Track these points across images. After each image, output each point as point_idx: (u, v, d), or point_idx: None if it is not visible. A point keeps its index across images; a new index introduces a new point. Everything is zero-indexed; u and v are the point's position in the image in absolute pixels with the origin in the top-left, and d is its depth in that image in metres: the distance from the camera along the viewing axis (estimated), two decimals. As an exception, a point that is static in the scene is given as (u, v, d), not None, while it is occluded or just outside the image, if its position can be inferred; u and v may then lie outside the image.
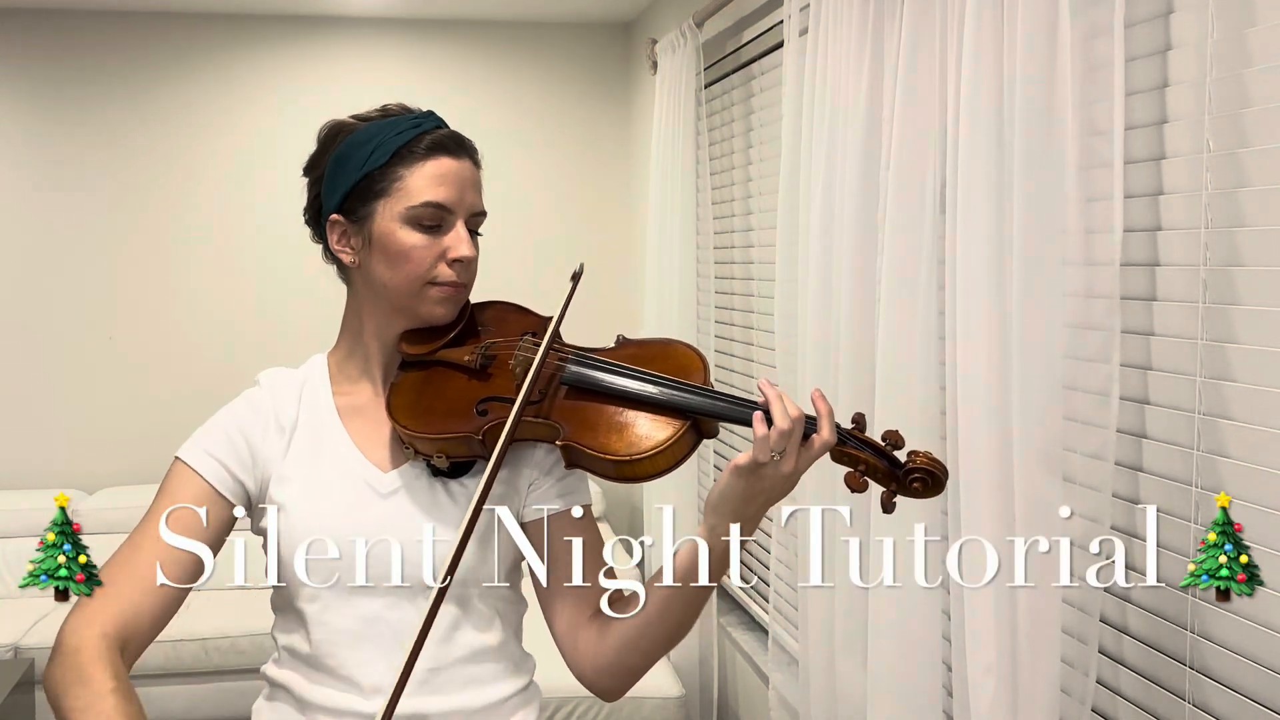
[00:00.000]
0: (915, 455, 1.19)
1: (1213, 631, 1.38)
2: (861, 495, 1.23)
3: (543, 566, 1.30)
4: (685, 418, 1.23)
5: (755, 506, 1.19)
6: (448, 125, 1.34)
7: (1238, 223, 1.33)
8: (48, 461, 4.56)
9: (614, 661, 1.30)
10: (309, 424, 1.34)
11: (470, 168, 1.33)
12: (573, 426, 1.24)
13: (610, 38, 4.79)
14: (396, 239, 1.28)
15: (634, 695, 3.24)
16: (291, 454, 1.32)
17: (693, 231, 3.40)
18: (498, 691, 1.33)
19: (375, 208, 1.29)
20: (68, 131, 4.51)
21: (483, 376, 1.31)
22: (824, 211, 2.11)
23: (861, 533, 1.98)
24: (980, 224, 1.54)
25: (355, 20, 4.62)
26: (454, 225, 1.30)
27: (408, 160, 1.28)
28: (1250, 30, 1.31)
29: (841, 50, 2.02)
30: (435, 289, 1.31)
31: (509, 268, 4.55)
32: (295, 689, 1.31)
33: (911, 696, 1.84)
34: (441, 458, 1.29)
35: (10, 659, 3.73)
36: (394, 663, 1.24)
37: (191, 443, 1.32)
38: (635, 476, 1.23)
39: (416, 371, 1.34)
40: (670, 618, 1.26)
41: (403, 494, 1.31)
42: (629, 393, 1.25)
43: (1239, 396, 1.34)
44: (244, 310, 4.62)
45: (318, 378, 1.39)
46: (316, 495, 1.30)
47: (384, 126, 1.30)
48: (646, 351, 1.32)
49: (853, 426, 1.22)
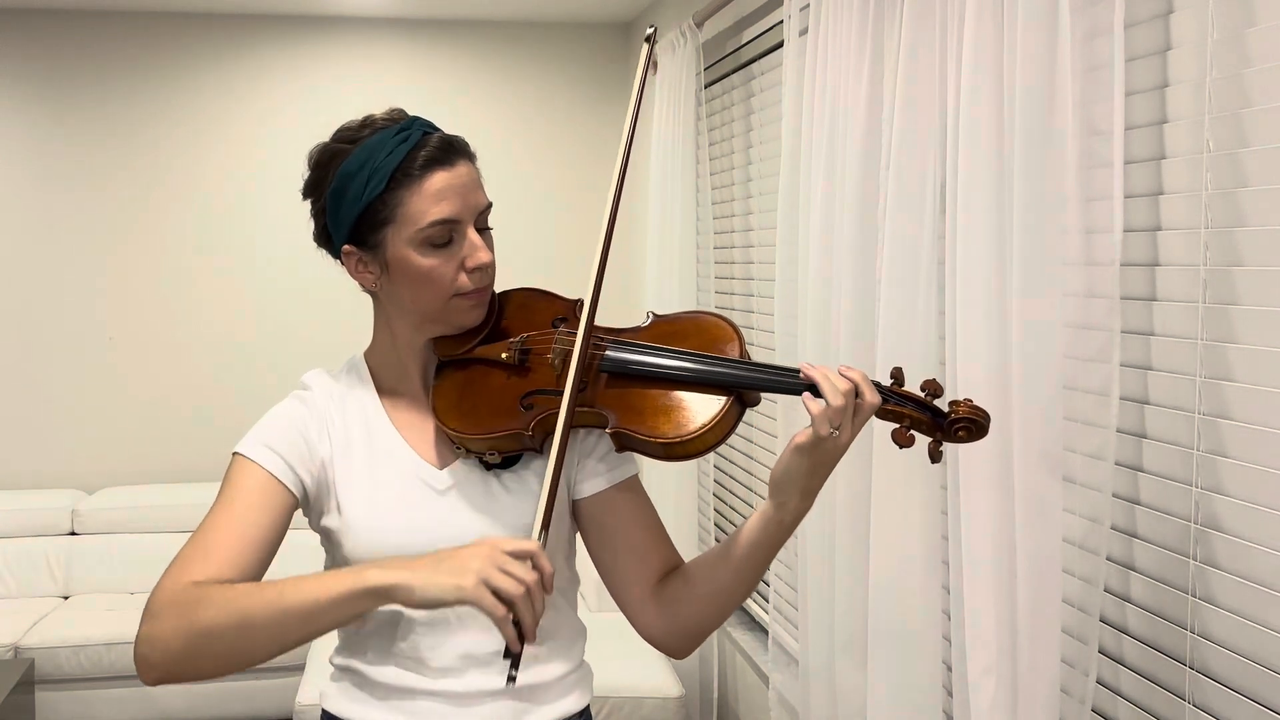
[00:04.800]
0: (957, 405, 1.22)
1: (1213, 631, 1.38)
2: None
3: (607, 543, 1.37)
4: (729, 392, 1.24)
5: (819, 478, 1.24)
6: (435, 128, 1.33)
7: (1238, 223, 1.33)
8: (48, 461, 4.56)
9: (690, 626, 1.35)
10: (360, 424, 1.36)
11: (467, 169, 1.31)
12: (620, 412, 1.26)
13: (610, 38, 4.79)
14: (413, 264, 1.29)
15: (634, 695, 3.24)
16: (347, 454, 1.34)
17: (693, 231, 3.40)
18: (556, 670, 1.36)
19: (385, 235, 1.29)
20: (68, 132, 4.51)
21: (522, 371, 1.32)
22: (824, 211, 2.11)
23: (862, 532, 1.98)
24: (980, 224, 1.54)
25: (355, 20, 4.62)
26: (465, 234, 1.31)
27: (405, 183, 1.27)
28: (1250, 30, 1.31)
29: (841, 50, 2.02)
30: (461, 299, 1.32)
31: (509, 268, 4.55)
32: (362, 670, 1.34)
33: (911, 696, 1.84)
34: (494, 454, 1.31)
35: (10, 659, 3.73)
36: (462, 646, 1.31)
37: (250, 438, 1.32)
38: (686, 455, 1.25)
39: (455, 371, 1.35)
40: (742, 584, 1.31)
41: (459, 489, 1.33)
42: (670, 373, 1.26)
43: (1239, 396, 1.34)
44: (244, 310, 4.62)
45: (361, 379, 1.40)
46: (379, 494, 1.32)
47: (374, 149, 1.28)
48: (679, 328, 1.33)
49: (892, 383, 1.24)
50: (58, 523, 4.31)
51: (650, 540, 1.38)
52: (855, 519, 2.01)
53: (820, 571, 2.20)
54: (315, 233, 1.37)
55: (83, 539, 4.28)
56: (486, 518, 1.32)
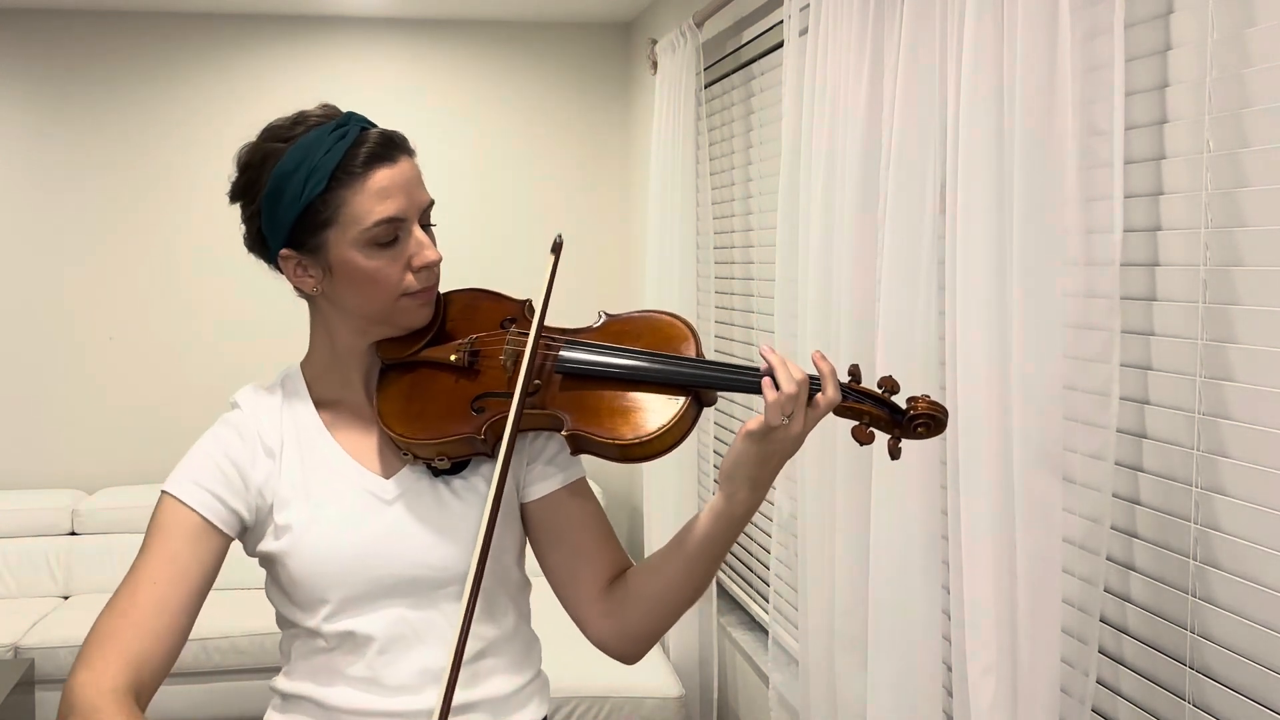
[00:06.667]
0: (915, 401, 1.22)
1: (1213, 631, 1.38)
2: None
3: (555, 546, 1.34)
4: (686, 392, 1.23)
5: (769, 469, 1.22)
6: (371, 123, 1.27)
7: (1238, 223, 1.33)
8: (48, 461, 4.56)
9: (639, 628, 1.32)
10: (296, 441, 1.31)
11: (409, 165, 1.26)
12: (575, 414, 1.23)
13: (610, 38, 4.79)
14: (358, 266, 1.24)
15: (634, 695, 3.24)
16: (285, 475, 1.29)
17: (693, 231, 3.40)
18: (516, 681, 1.34)
19: (326, 237, 1.24)
20: (68, 132, 4.51)
21: (471, 374, 1.29)
22: (824, 211, 2.11)
23: (862, 532, 1.98)
24: (980, 224, 1.54)
25: (355, 20, 4.62)
26: (410, 231, 1.26)
27: (346, 182, 1.22)
28: (1250, 30, 1.31)
29: (841, 50, 2.02)
30: (408, 299, 1.28)
31: (508, 267, 4.57)
32: (314, 696, 1.30)
33: (911, 696, 1.84)
34: (443, 460, 1.28)
35: (10, 659, 3.73)
36: (419, 661, 1.27)
37: (178, 475, 1.27)
38: (644, 456, 1.23)
39: (400, 375, 1.31)
40: (693, 581, 1.29)
41: (407, 498, 1.30)
42: (627, 374, 1.24)
43: (1239, 396, 1.34)
44: (244, 310, 4.61)
45: (296, 392, 1.35)
46: (321, 512, 1.27)
47: (310, 147, 1.22)
48: (632, 327, 1.31)
49: (849, 380, 1.24)
50: (58, 523, 4.31)
51: (598, 543, 1.35)
52: (855, 519, 2.01)
53: (820, 572, 2.20)
54: (247, 238, 1.32)
55: (83, 539, 4.28)
56: (435, 526, 1.28)
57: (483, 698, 1.30)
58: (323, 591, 1.26)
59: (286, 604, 1.31)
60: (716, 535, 1.25)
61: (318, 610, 1.27)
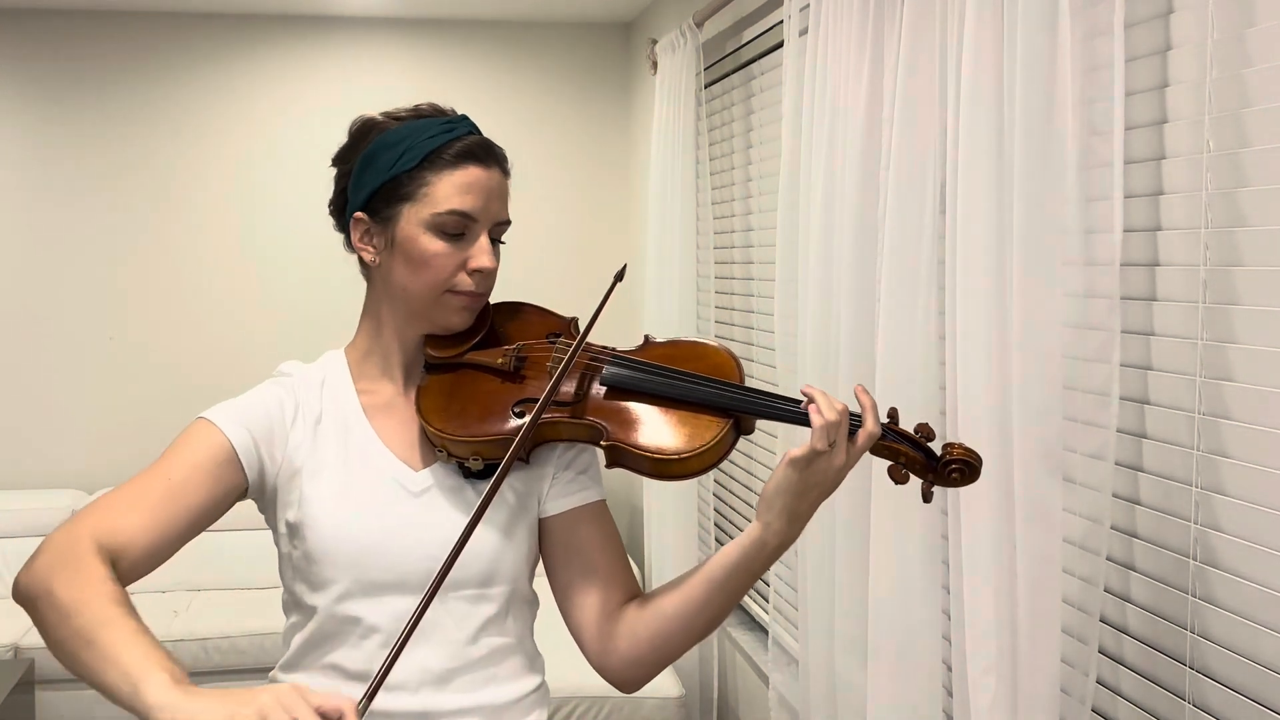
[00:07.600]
0: (951, 447, 1.22)
1: (1213, 631, 1.38)
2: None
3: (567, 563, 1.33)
4: (727, 416, 1.24)
5: (807, 501, 1.21)
6: (480, 131, 1.34)
7: (1238, 223, 1.33)
8: (48, 461, 4.56)
9: (648, 654, 1.30)
10: (334, 419, 1.33)
11: (498, 177, 1.33)
12: (615, 426, 1.24)
13: (610, 38, 4.79)
14: (419, 244, 1.28)
15: (634, 695, 3.24)
16: (320, 447, 1.31)
17: (693, 231, 3.40)
18: (516, 689, 1.34)
19: (400, 210, 1.29)
20: (68, 132, 4.51)
21: (516, 379, 1.31)
22: (824, 211, 2.11)
23: (862, 532, 1.98)
24: (980, 224, 1.54)
25: (355, 20, 4.62)
26: (478, 235, 1.30)
27: (437, 166, 1.28)
28: (1250, 30, 1.31)
29: (841, 50, 2.02)
30: (453, 297, 1.31)
31: (507, 267, 4.55)
32: (310, 687, 1.29)
33: (911, 696, 1.84)
34: (477, 460, 1.29)
35: (10, 659, 3.73)
36: (419, 660, 1.27)
37: (220, 408, 1.29)
38: (680, 474, 1.24)
39: (444, 374, 1.34)
40: (711, 610, 1.27)
41: (434, 493, 1.31)
42: (671, 392, 1.26)
43: (1239, 396, 1.34)
44: (244, 310, 4.61)
45: (338, 374, 1.37)
46: (351, 492, 1.29)
47: (416, 128, 1.29)
48: (679, 351, 1.33)
49: (889, 421, 1.24)
50: (58, 523, 4.26)
51: (613, 566, 1.34)
52: (855, 519, 2.01)
53: (820, 571, 2.21)
54: (332, 198, 1.37)
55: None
56: (457, 525, 1.27)
57: (479, 704, 1.30)
58: (335, 571, 1.26)
59: (297, 581, 1.31)
60: (745, 564, 1.23)
61: (328, 589, 1.28)
